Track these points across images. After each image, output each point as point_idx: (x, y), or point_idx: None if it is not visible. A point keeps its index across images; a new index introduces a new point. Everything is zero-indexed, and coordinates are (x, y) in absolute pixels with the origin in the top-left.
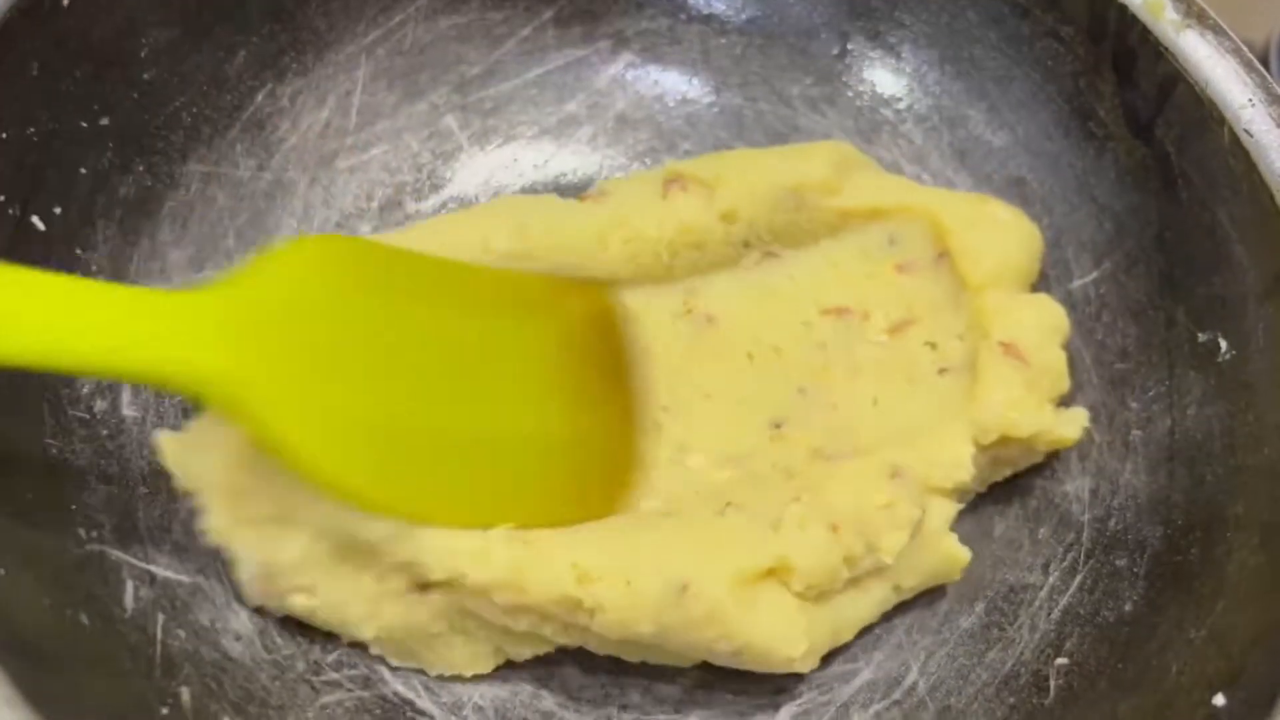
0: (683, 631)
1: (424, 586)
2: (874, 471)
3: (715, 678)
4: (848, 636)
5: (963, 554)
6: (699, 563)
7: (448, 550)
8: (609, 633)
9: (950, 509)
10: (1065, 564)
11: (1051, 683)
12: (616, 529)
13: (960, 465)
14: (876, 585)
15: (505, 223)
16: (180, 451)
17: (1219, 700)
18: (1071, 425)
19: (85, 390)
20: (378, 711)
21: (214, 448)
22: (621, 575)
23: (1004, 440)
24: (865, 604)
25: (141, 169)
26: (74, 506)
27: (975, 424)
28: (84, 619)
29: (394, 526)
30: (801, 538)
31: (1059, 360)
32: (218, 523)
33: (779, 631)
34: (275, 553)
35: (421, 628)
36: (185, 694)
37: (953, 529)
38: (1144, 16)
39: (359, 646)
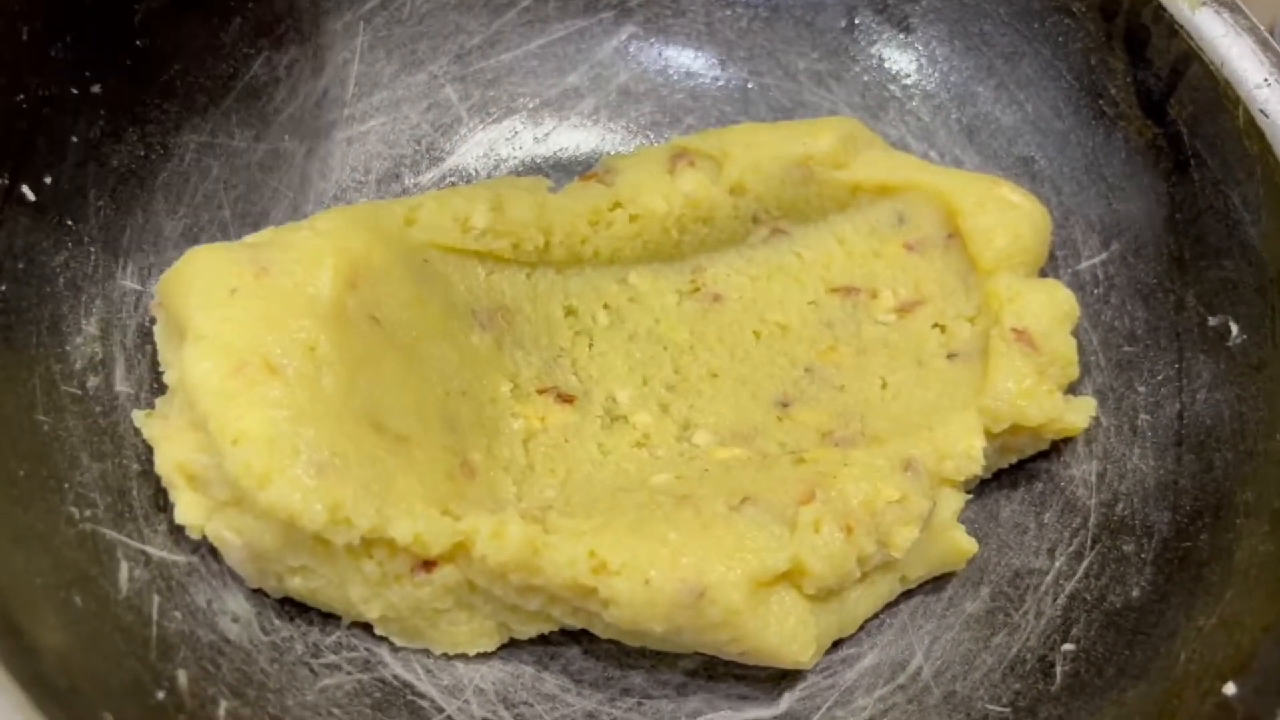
0: (695, 633)
1: (428, 564)
2: (886, 464)
3: (718, 662)
4: (852, 629)
5: (970, 545)
6: (717, 566)
7: (460, 528)
8: (620, 624)
9: (959, 500)
10: (1072, 549)
11: (1058, 669)
12: (633, 517)
13: (972, 458)
14: (883, 579)
15: (484, 201)
16: (152, 431)
17: (1229, 689)
18: (1080, 413)
19: (78, 366)
20: (377, 694)
21: (176, 430)
22: (640, 572)
23: (1014, 429)
24: (871, 597)
25: (134, 138)
26: (66, 485)
27: (986, 412)
28: (77, 600)
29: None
30: (816, 541)
31: (1069, 347)
32: (190, 515)
33: (790, 635)
34: (256, 536)
35: (427, 604)
36: (182, 677)
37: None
38: None
39: (359, 628)
